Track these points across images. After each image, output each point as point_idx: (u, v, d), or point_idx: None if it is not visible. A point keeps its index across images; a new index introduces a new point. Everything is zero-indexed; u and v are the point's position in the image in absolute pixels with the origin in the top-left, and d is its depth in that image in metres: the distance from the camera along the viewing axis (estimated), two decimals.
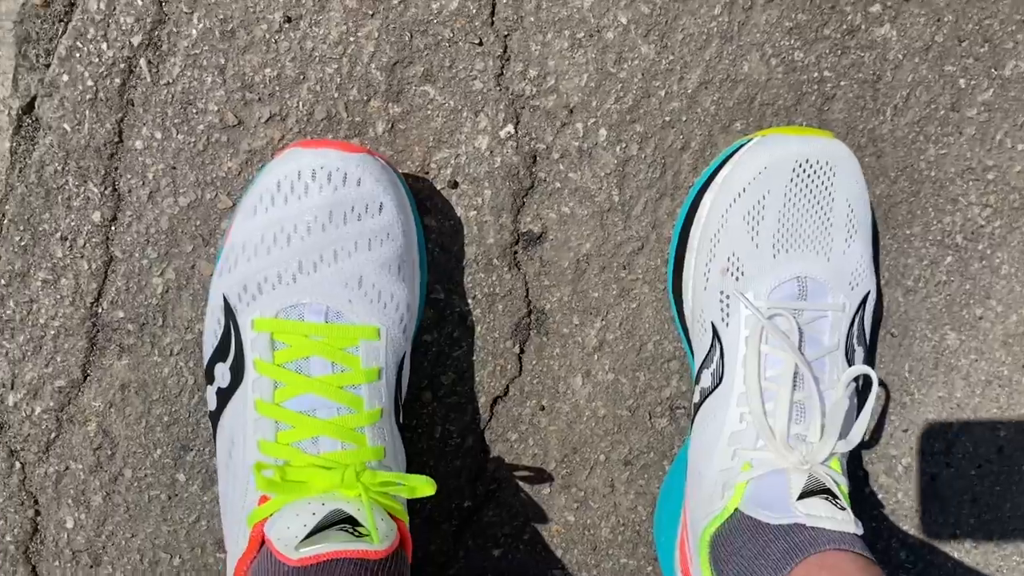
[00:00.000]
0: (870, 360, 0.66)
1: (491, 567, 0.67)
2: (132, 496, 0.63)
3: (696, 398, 0.58)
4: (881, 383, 0.67)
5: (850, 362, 0.56)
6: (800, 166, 0.54)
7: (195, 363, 0.61)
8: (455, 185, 0.60)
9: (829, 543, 0.48)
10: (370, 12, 0.57)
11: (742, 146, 0.57)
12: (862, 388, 0.59)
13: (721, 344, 0.56)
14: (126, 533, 0.64)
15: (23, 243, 0.59)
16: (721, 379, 0.56)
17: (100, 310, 0.60)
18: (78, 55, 0.56)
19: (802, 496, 0.51)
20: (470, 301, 0.62)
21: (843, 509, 0.50)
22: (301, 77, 0.57)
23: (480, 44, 0.57)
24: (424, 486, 0.51)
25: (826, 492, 0.52)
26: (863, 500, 0.69)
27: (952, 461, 0.68)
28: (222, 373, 0.54)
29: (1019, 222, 0.65)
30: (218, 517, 0.64)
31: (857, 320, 0.57)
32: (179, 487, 0.63)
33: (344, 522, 0.49)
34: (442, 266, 0.61)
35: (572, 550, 0.68)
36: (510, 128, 0.59)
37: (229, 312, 0.53)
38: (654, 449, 0.66)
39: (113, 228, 0.59)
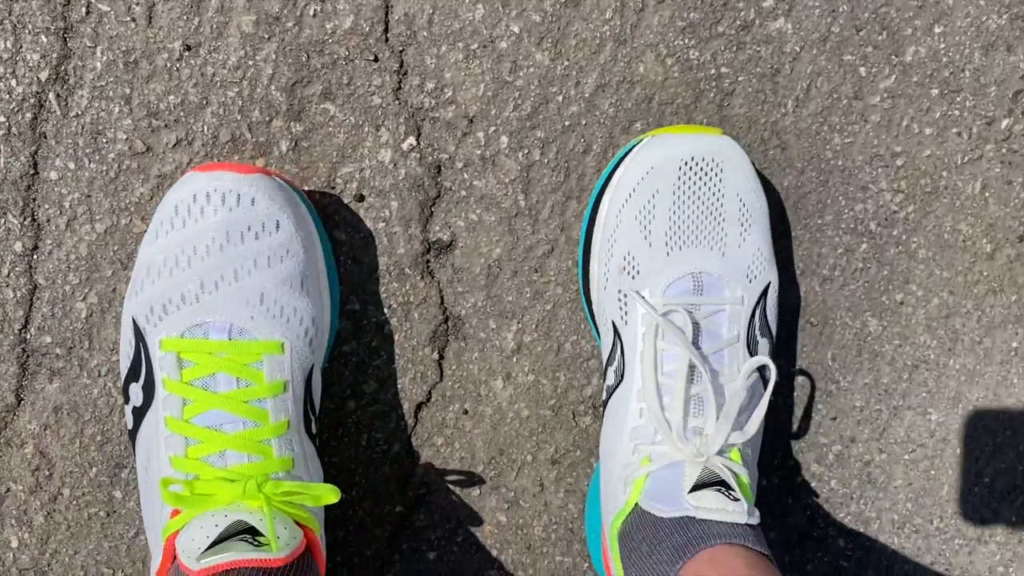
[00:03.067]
0: (788, 351, 0.67)
1: (427, 570, 0.68)
2: (72, 514, 0.65)
3: (604, 396, 0.59)
4: (803, 372, 0.67)
5: (752, 353, 0.57)
6: (686, 164, 0.55)
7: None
8: (362, 199, 0.61)
9: (719, 537, 0.48)
10: (266, 36, 0.58)
11: (635, 146, 0.58)
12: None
13: (622, 342, 0.57)
14: (69, 550, 0.66)
15: None
16: (623, 376, 0.57)
17: (28, 336, 0.62)
18: None
19: (695, 488, 0.52)
20: (386, 311, 0.63)
21: (736, 500, 0.51)
22: (204, 102, 0.59)
23: (376, 60, 0.59)
24: (328, 494, 0.52)
25: (720, 484, 0.52)
26: (796, 489, 0.69)
27: (884, 447, 0.69)
28: (136, 392, 0.56)
29: (932, 206, 0.65)
30: None
31: (758, 312, 0.57)
32: (116, 503, 0.65)
33: (246, 532, 0.50)
34: (356, 278, 0.63)
35: (507, 550, 0.69)
36: (412, 140, 0.60)
37: (139, 334, 0.55)
38: (580, 447, 0.67)
39: (35, 256, 0.61)
